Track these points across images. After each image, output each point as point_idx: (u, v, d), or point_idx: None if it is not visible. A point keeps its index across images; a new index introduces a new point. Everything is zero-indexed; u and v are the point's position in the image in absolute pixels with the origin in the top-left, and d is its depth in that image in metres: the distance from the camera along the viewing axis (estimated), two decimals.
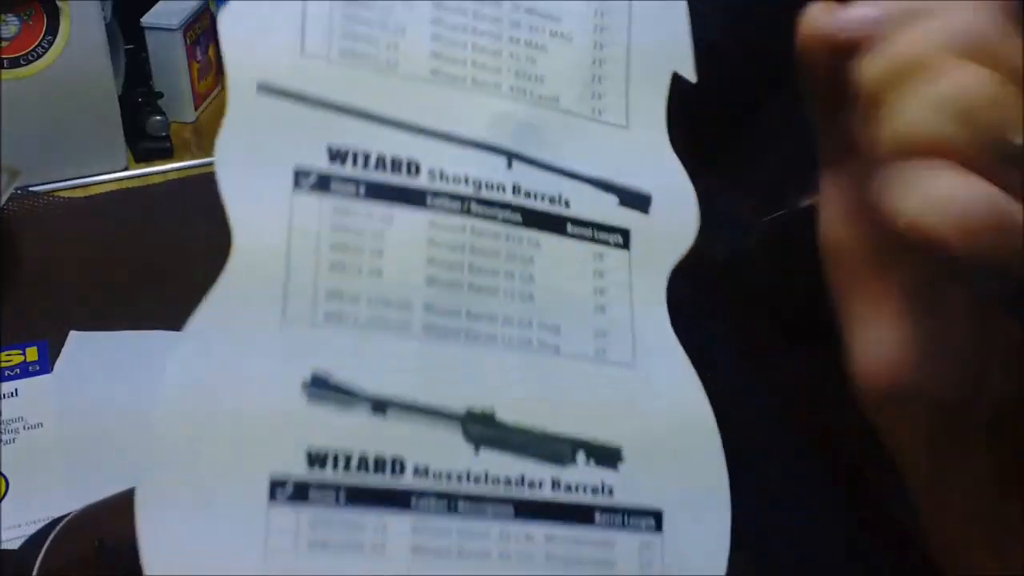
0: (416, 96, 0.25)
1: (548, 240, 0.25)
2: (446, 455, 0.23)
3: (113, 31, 0.90)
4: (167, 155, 0.92)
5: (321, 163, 0.23)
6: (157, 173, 0.91)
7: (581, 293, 0.25)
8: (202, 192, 0.91)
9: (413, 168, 0.24)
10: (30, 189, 0.85)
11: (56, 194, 0.86)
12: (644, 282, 0.26)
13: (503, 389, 0.24)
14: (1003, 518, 0.26)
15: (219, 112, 1.01)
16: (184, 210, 0.87)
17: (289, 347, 0.22)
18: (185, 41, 0.95)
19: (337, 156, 0.24)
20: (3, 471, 0.60)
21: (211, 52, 1.01)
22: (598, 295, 0.26)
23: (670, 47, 0.27)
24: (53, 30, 0.82)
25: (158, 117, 0.92)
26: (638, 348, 0.26)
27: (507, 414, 0.24)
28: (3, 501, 0.58)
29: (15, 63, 0.82)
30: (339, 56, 0.24)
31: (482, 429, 0.23)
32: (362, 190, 0.24)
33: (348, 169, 0.24)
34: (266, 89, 0.23)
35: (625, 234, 0.26)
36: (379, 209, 0.24)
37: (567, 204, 0.26)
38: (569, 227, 0.26)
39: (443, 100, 0.25)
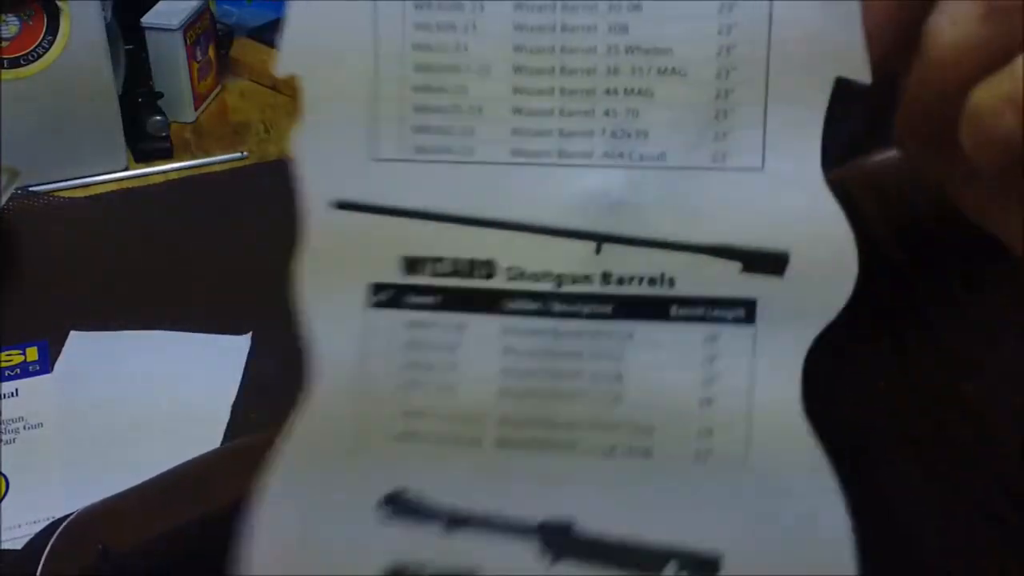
0: (493, 183, 0.23)
1: (644, 330, 0.23)
2: (521, 567, 0.23)
3: (113, 31, 0.90)
4: (167, 155, 0.92)
5: (396, 275, 0.23)
6: (157, 173, 0.91)
7: (683, 386, 0.23)
8: (202, 192, 0.91)
9: (488, 270, 0.23)
10: (30, 189, 0.85)
11: (56, 194, 0.87)
12: (772, 361, 0.23)
13: (583, 498, 0.23)
14: None
15: (219, 112, 1.01)
16: (184, 210, 0.87)
17: (364, 468, 0.23)
18: (185, 41, 0.95)
19: (412, 266, 0.23)
20: (3, 471, 0.60)
21: (211, 52, 1.01)
22: (706, 386, 0.23)
23: (832, 43, 0.22)
24: (53, 30, 0.82)
25: (158, 117, 0.92)
26: (755, 444, 0.23)
27: (589, 523, 0.23)
28: (3, 501, 0.58)
29: (15, 63, 0.82)
30: (414, 153, 0.23)
31: (559, 540, 0.23)
32: (436, 300, 0.23)
33: (424, 278, 0.23)
34: (341, 205, 0.23)
35: (750, 306, 0.23)
36: (453, 319, 0.23)
37: (671, 283, 0.23)
38: (673, 310, 0.23)
39: (524, 183, 0.23)
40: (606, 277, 0.23)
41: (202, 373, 0.68)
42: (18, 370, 0.68)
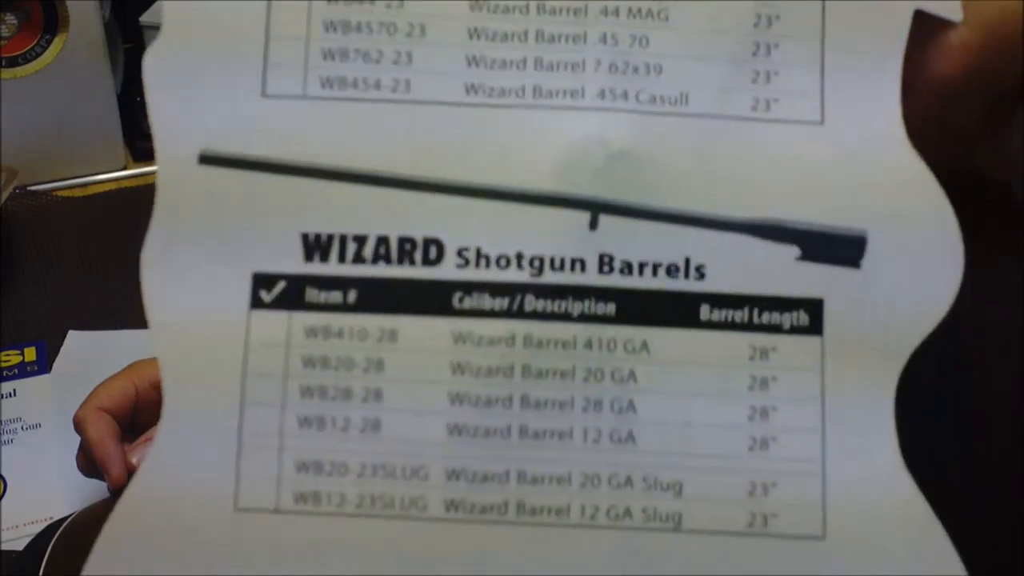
0: (439, 131, 0.15)
1: (663, 340, 0.15)
2: None
3: (112, 30, 0.89)
4: None
5: (292, 261, 0.16)
6: (155, 172, 0.91)
7: (722, 421, 0.16)
8: None
9: (431, 251, 0.15)
10: (28, 189, 0.85)
11: (54, 193, 0.86)
12: (850, 388, 0.15)
13: None
14: None
15: None
16: None
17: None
18: None
19: (316, 247, 0.16)
20: (2, 472, 0.60)
21: None
22: (755, 421, 0.16)
23: None
24: (52, 29, 0.82)
25: None
26: (833, 513, 0.15)
27: None
28: (2, 501, 0.58)
29: (13, 62, 0.82)
30: (321, 88, 0.16)
31: None
32: (352, 297, 0.16)
33: (332, 266, 0.16)
34: (206, 159, 0.16)
35: (814, 309, 0.16)
36: (377, 323, 0.16)
37: (700, 274, 0.16)
38: (704, 311, 0.16)
39: (482, 130, 0.15)
40: (606, 262, 0.16)
41: None
42: (16, 370, 0.67)
